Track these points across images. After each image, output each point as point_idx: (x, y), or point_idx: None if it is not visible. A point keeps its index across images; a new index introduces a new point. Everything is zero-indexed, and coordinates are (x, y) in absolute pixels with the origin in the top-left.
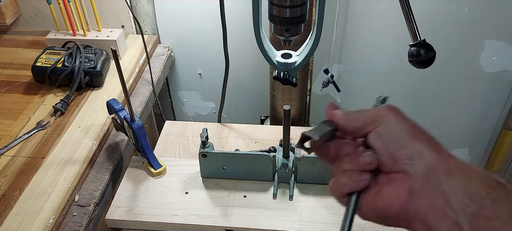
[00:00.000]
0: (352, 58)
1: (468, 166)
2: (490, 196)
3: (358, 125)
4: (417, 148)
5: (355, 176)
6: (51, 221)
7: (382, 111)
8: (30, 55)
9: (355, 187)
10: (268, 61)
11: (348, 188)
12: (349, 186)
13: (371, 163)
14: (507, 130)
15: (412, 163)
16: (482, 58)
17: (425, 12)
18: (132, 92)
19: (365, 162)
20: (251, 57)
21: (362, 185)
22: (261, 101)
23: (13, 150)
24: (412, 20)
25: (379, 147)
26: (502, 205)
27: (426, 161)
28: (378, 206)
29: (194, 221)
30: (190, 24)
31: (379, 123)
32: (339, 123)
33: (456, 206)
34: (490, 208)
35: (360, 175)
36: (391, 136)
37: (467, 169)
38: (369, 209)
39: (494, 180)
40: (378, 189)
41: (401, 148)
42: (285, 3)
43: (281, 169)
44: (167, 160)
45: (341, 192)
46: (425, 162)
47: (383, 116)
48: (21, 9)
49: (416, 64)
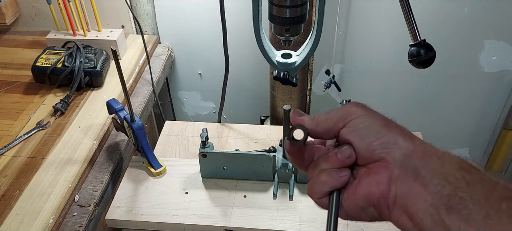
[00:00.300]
0: (352, 58)
1: (442, 151)
2: (465, 178)
3: (328, 124)
4: (391, 137)
5: (335, 173)
6: (51, 221)
7: (350, 107)
8: (30, 55)
9: (336, 184)
10: (268, 61)
11: (329, 186)
12: (330, 184)
13: (350, 156)
14: (507, 130)
15: (388, 151)
16: (482, 58)
17: (425, 12)
18: (132, 92)
19: (344, 156)
20: (251, 57)
21: (343, 181)
22: (261, 101)
23: (13, 150)
24: (412, 20)
25: (355, 140)
26: (477, 187)
27: (402, 148)
28: (358, 197)
29: (194, 221)
30: (190, 24)
31: (350, 118)
32: (309, 127)
33: (432, 188)
34: (465, 189)
35: (340, 172)
36: (364, 128)
37: (442, 153)
38: (350, 203)
39: (468, 164)
40: (357, 182)
41: (376, 138)
42: (285, 3)
43: (281, 169)
44: (167, 160)
45: (321, 191)
46: (401, 149)
47: (353, 111)
48: (21, 9)
49: (416, 64)
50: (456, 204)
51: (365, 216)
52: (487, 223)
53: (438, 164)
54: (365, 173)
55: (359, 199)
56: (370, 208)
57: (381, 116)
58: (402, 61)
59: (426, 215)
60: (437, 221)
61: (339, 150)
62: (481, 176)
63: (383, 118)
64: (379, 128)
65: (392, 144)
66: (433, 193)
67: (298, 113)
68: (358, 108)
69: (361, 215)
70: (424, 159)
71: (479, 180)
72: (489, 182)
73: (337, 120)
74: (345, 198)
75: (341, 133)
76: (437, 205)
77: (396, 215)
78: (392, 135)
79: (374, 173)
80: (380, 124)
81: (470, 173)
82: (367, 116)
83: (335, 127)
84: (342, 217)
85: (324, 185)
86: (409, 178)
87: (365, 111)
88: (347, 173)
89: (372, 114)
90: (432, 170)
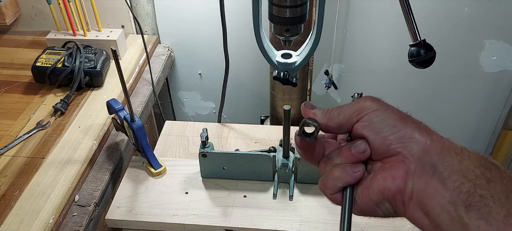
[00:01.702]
0: (352, 58)
1: (461, 147)
2: (485, 175)
3: (341, 119)
4: (407, 131)
5: (349, 168)
6: (51, 221)
7: (364, 102)
8: (30, 55)
9: (350, 179)
10: (268, 61)
11: (342, 182)
12: (344, 179)
13: (365, 150)
14: (507, 130)
15: (404, 145)
16: (482, 58)
17: (425, 12)
18: (132, 92)
19: (358, 151)
20: (251, 57)
21: (357, 177)
22: (261, 101)
23: (13, 150)
24: (412, 20)
25: (369, 134)
26: (497, 185)
27: (419, 142)
28: (373, 192)
29: (194, 221)
30: (190, 24)
31: (364, 112)
32: (321, 122)
33: (450, 184)
34: (485, 187)
35: (354, 167)
36: (378, 122)
37: (461, 149)
38: (364, 199)
39: (488, 161)
40: (372, 176)
41: (391, 133)
42: (285, 3)
43: (281, 169)
44: (167, 160)
45: (335, 187)
46: (418, 144)
47: (367, 106)
48: (21, 9)
49: (416, 64)
50: (476, 202)
51: (379, 211)
52: (508, 222)
53: (456, 160)
54: (381, 167)
55: (373, 194)
56: (385, 204)
57: (396, 110)
58: (402, 61)
59: (444, 212)
60: (455, 219)
61: (353, 145)
62: (501, 174)
63: (398, 112)
64: (395, 122)
65: (408, 138)
66: (451, 189)
67: (310, 106)
68: (372, 103)
69: (375, 210)
70: (442, 155)
71: (499, 178)
72: (509, 180)
73: (350, 115)
74: (359, 194)
75: (355, 128)
76: (455, 202)
77: (412, 211)
78: (408, 129)
79: (389, 167)
80: (396, 117)
81: (490, 170)
82: (382, 110)
83: (348, 121)
84: (356, 213)
85: (337, 180)
86: (426, 174)
87: (379, 106)
88: (361, 168)
89: (387, 108)
90: (450, 166)
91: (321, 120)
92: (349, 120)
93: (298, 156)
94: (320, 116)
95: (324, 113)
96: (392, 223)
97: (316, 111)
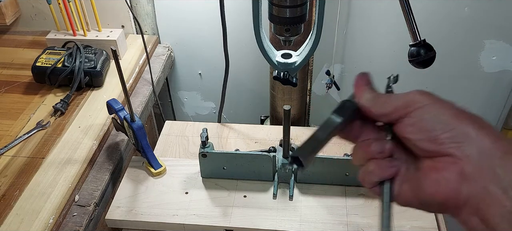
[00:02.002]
0: (352, 58)
1: None
2: None
3: (387, 109)
4: (462, 129)
5: (384, 163)
6: (51, 221)
7: (414, 95)
8: (30, 55)
9: (384, 175)
10: (268, 61)
11: (378, 176)
12: (379, 174)
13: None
14: (507, 130)
15: (459, 146)
16: (482, 58)
17: (425, 12)
18: (132, 92)
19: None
20: (251, 57)
21: (391, 173)
22: (261, 101)
23: (13, 150)
24: (412, 20)
25: (414, 133)
26: None
27: (476, 143)
28: (423, 193)
29: (194, 221)
30: (190, 24)
31: (414, 107)
32: (364, 105)
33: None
34: None
35: (389, 162)
36: (430, 119)
37: None
38: (411, 197)
39: None
40: (421, 174)
41: (443, 131)
42: (285, 3)
43: (281, 169)
44: (167, 160)
45: (371, 181)
46: (475, 144)
47: (417, 100)
48: (21, 9)
49: (416, 64)
50: None
51: (425, 208)
52: None
53: None
54: (431, 167)
55: (423, 195)
56: (434, 206)
57: (449, 104)
58: (402, 61)
59: (504, 221)
60: None
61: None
62: None
63: (452, 107)
64: (448, 119)
65: (463, 137)
66: None
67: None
68: (423, 97)
69: (421, 207)
70: (504, 160)
71: None
72: None
73: (397, 107)
74: (403, 190)
75: (402, 123)
76: None
77: (466, 216)
78: (464, 127)
79: (442, 169)
80: (449, 113)
81: None
82: (434, 105)
83: (394, 113)
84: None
85: (372, 175)
86: (485, 179)
87: (431, 100)
88: (396, 164)
89: (440, 103)
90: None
91: (365, 103)
92: (395, 112)
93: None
94: (366, 98)
95: (372, 97)
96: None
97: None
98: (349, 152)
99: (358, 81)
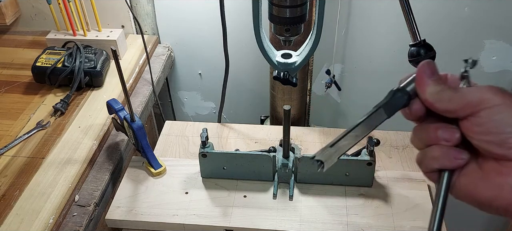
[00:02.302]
0: (352, 58)
1: None
2: None
3: (452, 106)
4: None
5: (451, 152)
6: (51, 221)
7: (485, 93)
8: (30, 55)
9: (449, 164)
10: (268, 61)
11: (440, 164)
12: (443, 163)
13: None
14: None
15: None
16: (482, 58)
17: (425, 12)
18: (132, 92)
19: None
20: (251, 57)
21: (457, 164)
22: (261, 101)
23: (13, 150)
24: (412, 20)
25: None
26: None
27: None
28: (482, 195)
29: (194, 221)
30: (190, 24)
31: (483, 106)
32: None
33: None
34: None
35: (458, 152)
36: (499, 121)
37: None
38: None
39: None
40: (484, 174)
41: None
42: (285, 3)
43: (281, 169)
44: (167, 160)
45: (431, 167)
46: None
47: (487, 99)
48: (21, 9)
49: (416, 64)
50: None
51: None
52: None
53: None
54: (495, 169)
55: (481, 196)
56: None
57: None
58: (402, 61)
59: None
60: None
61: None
62: None
63: None
64: None
65: None
66: None
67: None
68: (495, 95)
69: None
70: None
71: None
72: None
73: (465, 104)
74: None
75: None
76: None
77: None
78: None
79: (506, 174)
80: None
81: None
82: (505, 105)
83: (461, 111)
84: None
85: (434, 162)
86: None
87: (503, 99)
88: (465, 157)
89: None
90: None
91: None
92: (462, 110)
93: (298, 156)
94: (430, 92)
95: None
96: (392, 223)
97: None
98: (349, 152)
99: (421, 72)
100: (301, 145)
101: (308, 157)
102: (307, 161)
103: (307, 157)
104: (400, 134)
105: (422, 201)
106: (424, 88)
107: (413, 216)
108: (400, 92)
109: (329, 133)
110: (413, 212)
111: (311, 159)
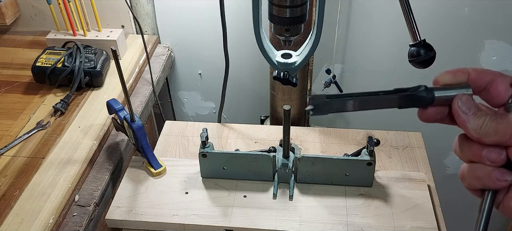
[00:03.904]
0: (352, 58)
1: None
2: None
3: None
4: None
5: (495, 174)
6: (51, 221)
7: None
8: (30, 55)
9: (493, 186)
10: (268, 61)
11: (482, 184)
12: (485, 184)
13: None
14: None
15: None
16: (482, 58)
17: (425, 12)
18: (132, 92)
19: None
20: (251, 57)
21: (501, 186)
22: (261, 101)
23: (13, 150)
24: (412, 20)
25: None
26: None
27: None
28: None
29: (194, 221)
30: (190, 24)
31: None
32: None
33: None
34: None
35: (502, 174)
36: None
37: None
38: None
39: None
40: None
41: None
42: (285, 3)
43: (281, 169)
44: (167, 160)
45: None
46: None
47: None
48: (21, 9)
49: (416, 64)
50: None
51: None
52: None
53: None
54: None
55: None
56: None
57: None
58: (402, 61)
59: None
60: None
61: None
62: None
63: None
64: None
65: None
66: None
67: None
68: None
69: None
70: None
71: None
72: None
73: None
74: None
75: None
76: None
77: None
78: None
79: None
80: None
81: None
82: None
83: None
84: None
85: (477, 181)
86: None
87: None
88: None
89: None
90: None
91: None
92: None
93: (298, 156)
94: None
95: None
96: (392, 223)
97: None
98: (349, 152)
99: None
100: (301, 145)
101: (308, 157)
102: (307, 161)
103: (307, 156)
104: (400, 134)
105: (422, 201)
106: (465, 126)
107: (413, 216)
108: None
109: (329, 133)
110: (413, 212)
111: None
